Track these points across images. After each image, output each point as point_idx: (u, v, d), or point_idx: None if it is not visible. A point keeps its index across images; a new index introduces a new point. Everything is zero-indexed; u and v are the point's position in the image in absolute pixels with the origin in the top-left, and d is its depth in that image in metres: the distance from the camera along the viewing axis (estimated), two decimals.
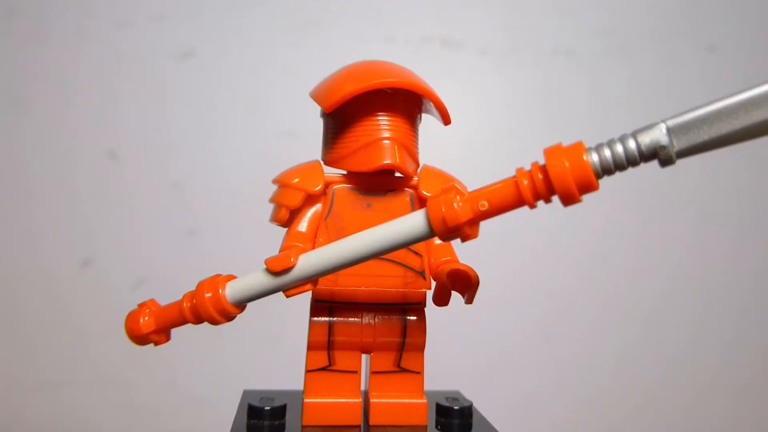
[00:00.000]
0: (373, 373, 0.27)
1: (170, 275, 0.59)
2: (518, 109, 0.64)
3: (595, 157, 0.19)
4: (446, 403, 0.27)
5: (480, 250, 0.61)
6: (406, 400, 0.26)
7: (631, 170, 0.19)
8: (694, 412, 0.64)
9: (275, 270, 0.23)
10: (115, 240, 0.60)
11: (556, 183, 0.19)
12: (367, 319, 0.27)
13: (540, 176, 0.19)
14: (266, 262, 0.23)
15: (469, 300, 0.26)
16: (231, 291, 0.24)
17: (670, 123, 0.18)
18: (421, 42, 0.63)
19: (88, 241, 0.60)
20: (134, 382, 0.59)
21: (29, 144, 0.60)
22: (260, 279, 0.23)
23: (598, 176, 0.19)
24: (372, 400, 0.26)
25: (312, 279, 0.23)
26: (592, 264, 0.64)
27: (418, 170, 0.28)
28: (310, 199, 0.26)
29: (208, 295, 0.23)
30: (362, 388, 0.27)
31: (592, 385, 0.64)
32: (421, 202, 0.27)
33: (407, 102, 0.27)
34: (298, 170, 0.27)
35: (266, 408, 0.25)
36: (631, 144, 0.18)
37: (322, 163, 0.28)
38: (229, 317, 0.24)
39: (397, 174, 0.27)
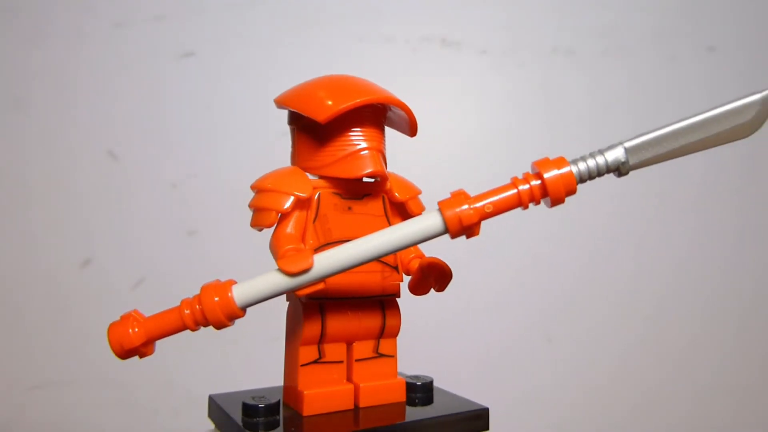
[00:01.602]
0: (356, 360, 0.29)
1: (170, 275, 0.59)
2: (518, 109, 0.64)
3: (575, 168, 0.24)
4: (411, 381, 0.31)
5: (483, 251, 0.61)
6: (388, 382, 0.30)
7: (632, 171, 0.24)
8: (694, 413, 0.64)
9: (293, 272, 0.24)
10: (115, 240, 0.60)
11: (550, 188, 0.23)
12: (352, 312, 0.29)
13: (535, 183, 0.23)
14: (282, 264, 0.24)
15: (441, 288, 0.29)
16: (240, 294, 0.24)
17: (627, 144, 0.24)
18: (421, 42, 0.63)
19: (88, 241, 0.60)
20: (134, 382, 0.59)
21: (29, 144, 0.60)
22: (272, 281, 0.24)
23: (578, 183, 0.24)
24: (360, 385, 0.29)
25: (325, 278, 0.24)
26: (594, 265, 0.64)
27: None
28: (299, 204, 0.27)
29: (216, 299, 0.24)
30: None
31: (593, 385, 0.64)
32: (392, 205, 0.30)
33: (380, 115, 0.29)
34: (283, 175, 0.28)
35: (261, 405, 0.26)
36: (600, 159, 0.24)
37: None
38: (234, 320, 0.24)
39: (367, 180, 0.29)
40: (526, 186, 0.24)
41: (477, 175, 0.62)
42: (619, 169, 0.24)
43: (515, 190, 0.24)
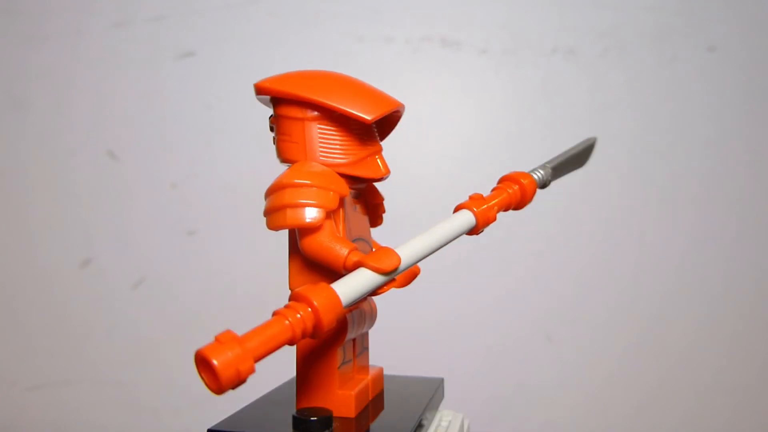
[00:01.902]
0: (357, 356, 0.30)
1: (170, 275, 0.59)
2: (518, 109, 0.64)
3: (536, 176, 0.31)
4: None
5: (484, 250, 0.61)
6: (377, 372, 0.31)
7: (633, 171, 0.24)
8: (694, 412, 0.64)
9: (388, 271, 0.24)
10: (115, 240, 0.60)
11: (528, 192, 0.30)
12: (362, 310, 0.29)
13: (515, 188, 0.30)
14: (375, 263, 0.24)
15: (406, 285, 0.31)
16: (342, 295, 0.22)
17: (549, 166, 0.32)
18: (421, 42, 0.63)
19: (88, 241, 0.60)
20: (134, 382, 0.59)
21: (29, 144, 0.60)
22: (366, 280, 0.23)
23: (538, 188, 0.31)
24: (369, 378, 0.30)
25: (398, 275, 0.25)
26: (594, 265, 0.64)
27: None
28: (340, 202, 0.27)
29: (316, 303, 0.21)
30: None
31: (593, 385, 0.64)
32: (368, 206, 0.31)
33: None
34: (323, 173, 0.27)
35: (313, 418, 0.25)
36: (540, 174, 0.31)
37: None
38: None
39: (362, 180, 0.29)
40: (513, 191, 0.30)
41: (477, 175, 0.62)
42: (546, 185, 0.31)
43: (507, 194, 0.29)
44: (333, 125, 0.27)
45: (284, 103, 0.28)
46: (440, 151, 0.63)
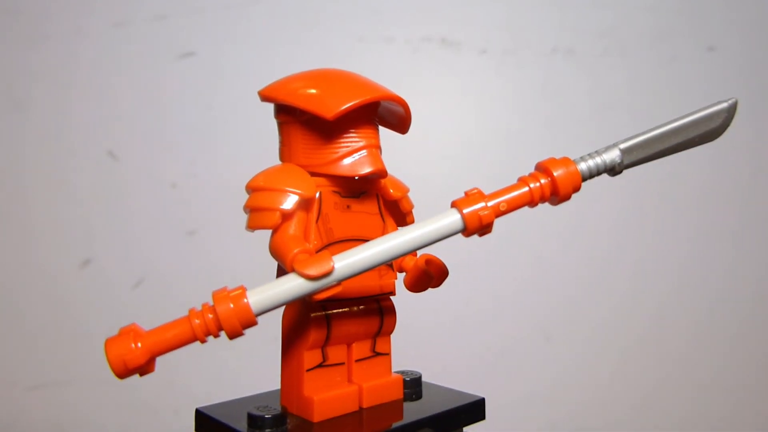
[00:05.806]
0: (356, 361, 0.29)
1: (170, 275, 0.59)
2: (518, 109, 0.64)
3: (580, 167, 0.25)
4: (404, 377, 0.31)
5: (483, 250, 0.61)
6: (387, 380, 0.29)
7: (633, 173, 0.26)
8: (694, 412, 0.64)
9: (315, 276, 0.23)
10: (115, 240, 0.60)
11: (560, 186, 0.24)
12: (354, 313, 0.28)
13: (545, 181, 0.25)
14: (301, 267, 0.23)
15: (438, 285, 0.29)
16: (256, 300, 0.23)
17: (622, 146, 0.25)
18: (421, 42, 0.63)
19: (88, 241, 0.60)
20: (134, 382, 0.59)
21: (29, 144, 0.60)
22: (290, 285, 0.23)
23: (582, 181, 0.25)
24: (364, 386, 0.28)
25: (343, 280, 0.24)
26: (593, 264, 0.64)
27: None
28: (301, 203, 0.26)
29: (231, 306, 0.23)
30: None
31: (592, 385, 0.64)
32: (386, 203, 0.29)
33: (375, 111, 0.28)
34: (282, 173, 0.27)
35: (267, 416, 0.25)
36: (599, 159, 0.25)
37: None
38: (247, 329, 0.24)
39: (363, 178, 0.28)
40: (537, 184, 0.25)
41: (477, 175, 0.62)
42: (614, 169, 0.25)
43: (527, 188, 0.25)
44: (306, 125, 0.27)
45: (275, 107, 0.28)
46: (440, 151, 0.63)
